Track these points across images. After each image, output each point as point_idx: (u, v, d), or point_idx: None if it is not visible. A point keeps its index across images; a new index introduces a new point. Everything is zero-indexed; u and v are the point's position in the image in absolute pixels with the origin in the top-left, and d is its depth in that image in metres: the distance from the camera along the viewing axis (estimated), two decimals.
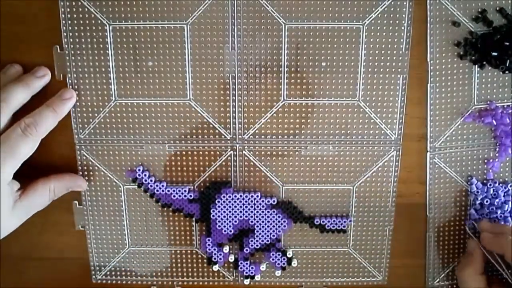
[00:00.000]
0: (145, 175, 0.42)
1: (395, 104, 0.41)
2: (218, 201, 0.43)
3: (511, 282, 0.38)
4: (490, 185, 0.42)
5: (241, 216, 0.43)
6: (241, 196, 0.43)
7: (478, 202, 0.43)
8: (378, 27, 0.39)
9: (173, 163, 0.42)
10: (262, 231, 0.43)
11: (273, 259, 0.44)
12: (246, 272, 0.45)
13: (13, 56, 0.39)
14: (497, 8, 0.39)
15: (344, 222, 0.43)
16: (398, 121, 0.41)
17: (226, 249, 0.44)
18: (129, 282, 0.45)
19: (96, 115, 0.41)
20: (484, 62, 0.40)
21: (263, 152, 0.42)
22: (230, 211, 0.43)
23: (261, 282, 0.45)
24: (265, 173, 0.43)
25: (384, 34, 0.39)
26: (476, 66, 0.40)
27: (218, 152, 0.42)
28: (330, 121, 0.41)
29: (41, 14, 0.39)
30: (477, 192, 0.43)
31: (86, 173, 0.42)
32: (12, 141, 0.36)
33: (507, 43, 0.39)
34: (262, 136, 0.42)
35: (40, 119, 0.37)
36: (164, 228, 0.44)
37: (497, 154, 0.42)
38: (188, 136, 0.42)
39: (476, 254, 0.41)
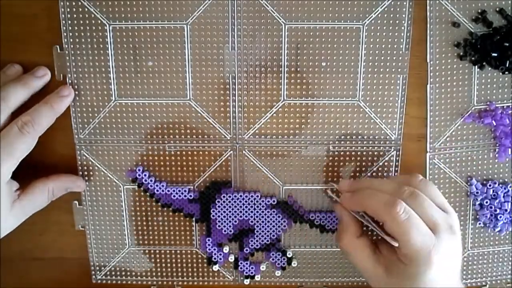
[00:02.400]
0: (145, 175, 0.42)
1: (395, 104, 0.41)
2: (218, 201, 0.43)
3: (384, 237, 0.35)
4: (490, 185, 0.43)
5: (241, 216, 0.43)
6: (241, 196, 0.43)
7: (477, 202, 0.43)
8: (378, 27, 0.39)
9: (173, 163, 0.42)
10: (262, 231, 0.43)
11: (273, 259, 0.44)
12: (246, 272, 0.45)
13: (13, 56, 0.39)
14: (497, 9, 0.39)
15: None
16: (398, 121, 0.41)
17: (226, 249, 0.44)
18: (129, 282, 0.45)
19: (96, 115, 0.41)
20: (484, 63, 0.40)
21: (263, 152, 0.42)
22: (230, 211, 0.43)
23: (261, 282, 0.45)
24: (265, 173, 0.43)
25: (384, 34, 0.39)
26: (476, 66, 0.40)
27: (218, 152, 0.42)
28: (330, 121, 0.41)
29: (41, 14, 0.39)
30: (477, 192, 0.43)
31: (86, 173, 0.42)
32: (10, 139, 0.36)
33: (507, 44, 0.39)
34: (262, 136, 0.42)
35: (37, 116, 0.37)
36: (164, 228, 0.44)
37: (496, 155, 0.42)
38: (188, 136, 0.42)
39: (345, 218, 0.38)
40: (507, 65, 0.39)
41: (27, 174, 0.39)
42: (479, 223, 0.44)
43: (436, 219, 0.34)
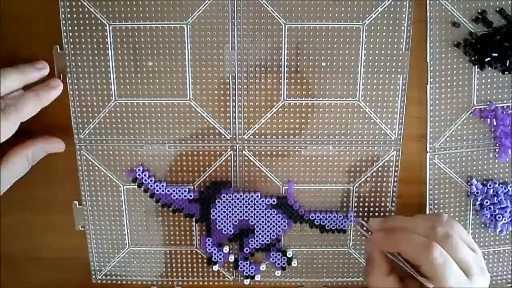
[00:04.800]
0: (145, 175, 0.42)
1: (395, 104, 0.41)
2: (218, 201, 0.43)
3: (419, 278, 0.35)
4: (490, 185, 0.43)
5: (241, 216, 0.43)
6: (241, 196, 0.43)
7: (478, 202, 0.43)
8: (378, 27, 0.39)
9: (173, 163, 0.42)
10: (262, 231, 0.43)
11: (273, 259, 0.44)
12: (246, 272, 0.45)
13: (13, 56, 0.39)
14: (497, 9, 0.39)
15: (344, 222, 0.43)
16: (398, 121, 0.41)
17: (226, 249, 0.44)
18: (129, 282, 0.45)
19: (96, 115, 0.41)
20: (484, 63, 0.40)
21: (263, 152, 0.42)
22: (230, 211, 0.43)
23: (261, 282, 0.45)
24: (265, 173, 0.43)
25: (384, 34, 0.39)
26: (476, 66, 0.40)
27: (218, 152, 0.42)
28: (330, 121, 0.41)
29: (41, 14, 0.39)
30: (477, 192, 0.43)
31: (86, 173, 0.42)
32: None
33: (507, 44, 0.39)
34: (262, 136, 0.42)
35: (22, 100, 0.36)
36: (164, 228, 0.44)
37: (497, 155, 0.42)
38: (188, 136, 0.42)
39: (377, 256, 0.37)
40: (507, 65, 0.39)
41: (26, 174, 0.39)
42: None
43: (468, 261, 0.35)
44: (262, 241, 0.44)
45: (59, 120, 0.39)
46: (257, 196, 0.43)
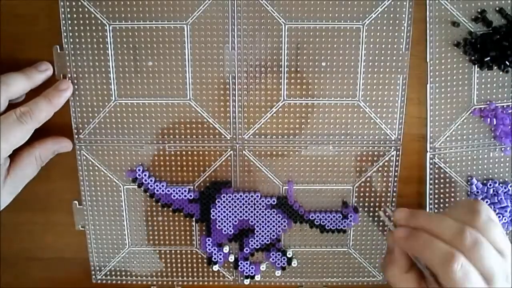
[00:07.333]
0: (145, 175, 0.42)
1: (395, 104, 0.41)
2: (218, 201, 0.43)
3: (432, 283, 0.32)
4: (490, 185, 0.42)
5: (241, 216, 0.43)
6: (241, 196, 0.43)
7: None
8: (378, 27, 0.39)
9: (173, 163, 0.42)
10: (262, 231, 0.43)
11: (273, 259, 0.44)
12: (246, 272, 0.45)
13: (13, 56, 0.39)
14: (497, 8, 0.39)
15: (344, 222, 0.43)
16: (398, 121, 0.41)
17: (226, 249, 0.44)
18: (129, 282, 0.45)
19: (96, 115, 0.41)
20: (484, 63, 0.40)
21: (263, 152, 0.42)
22: (230, 211, 0.43)
23: (261, 282, 0.45)
24: (265, 173, 0.43)
25: (384, 34, 0.39)
26: (476, 66, 0.40)
27: (218, 152, 0.42)
28: (330, 121, 0.41)
29: (41, 14, 0.39)
30: (477, 192, 0.43)
31: (86, 173, 0.42)
32: (7, 126, 0.35)
33: (507, 43, 0.39)
34: (262, 136, 0.42)
35: (35, 108, 0.37)
36: (164, 228, 0.44)
37: (496, 154, 0.42)
38: (188, 136, 0.42)
39: (397, 251, 0.35)
40: (507, 64, 0.39)
41: None
42: None
43: (494, 269, 0.32)
44: (262, 241, 0.44)
45: (59, 120, 0.39)
46: (257, 196, 0.43)
